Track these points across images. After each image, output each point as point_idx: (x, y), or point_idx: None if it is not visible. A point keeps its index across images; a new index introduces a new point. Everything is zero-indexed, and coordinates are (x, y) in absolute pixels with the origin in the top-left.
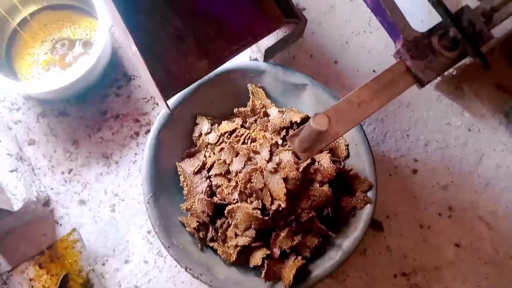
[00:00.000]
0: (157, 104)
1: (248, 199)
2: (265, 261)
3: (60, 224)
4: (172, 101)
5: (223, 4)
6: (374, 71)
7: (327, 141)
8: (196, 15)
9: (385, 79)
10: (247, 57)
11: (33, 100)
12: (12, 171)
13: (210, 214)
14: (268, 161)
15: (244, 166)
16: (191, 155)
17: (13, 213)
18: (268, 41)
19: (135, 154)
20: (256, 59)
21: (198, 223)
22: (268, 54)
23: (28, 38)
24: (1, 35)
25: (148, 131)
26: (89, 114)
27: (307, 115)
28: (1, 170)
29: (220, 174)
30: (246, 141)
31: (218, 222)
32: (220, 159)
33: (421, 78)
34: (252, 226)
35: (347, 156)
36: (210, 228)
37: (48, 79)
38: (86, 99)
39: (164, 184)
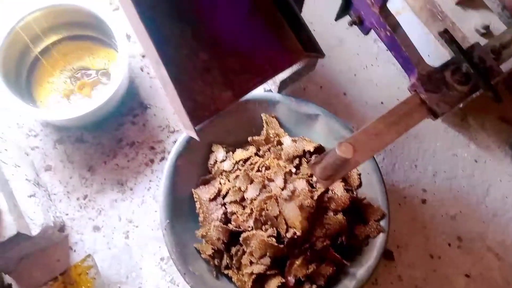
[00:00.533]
0: (172, 132)
1: (263, 226)
2: None
3: (74, 250)
4: None
5: (247, 39)
6: (382, 103)
7: (347, 169)
8: (222, 49)
9: (401, 111)
10: (262, 88)
11: (51, 127)
12: (30, 196)
13: (225, 241)
14: (282, 189)
15: (259, 193)
16: (206, 182)
17: (30, 238)
18: (283, 73)
19: (150, 181)
20: (270, 90)
21: (213, 250)
22: (282, 86)
23: (48, 66)
24: (23, 63)
25: (163, 158)
26: (105, 141)
27: (320, 145)
28: (20, 195)
29: (235, 201)
30: (260, 169)
31: (233, 250)
32: (235, 186)
33: (436, 111)
34: (267, 254)
35: (360, 185)
36: (225, 256)
37: (67, 107)
38: (102, 126)
39: (180, 211)
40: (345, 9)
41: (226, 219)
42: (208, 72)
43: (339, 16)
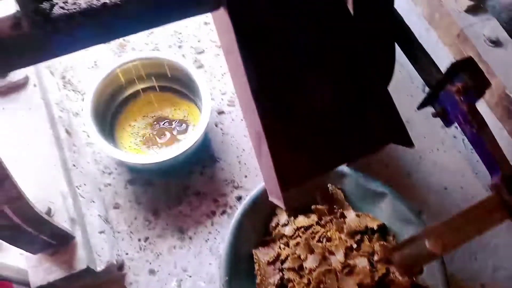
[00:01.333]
0: (236, 188)
1: None
2: None
3: None
4: (257, 189)
5: (337, 119)
6: (445, 188)
7: (429, 262)
8: (312, 125)
9: (481, 209)
10: None
11: (125, 167)
12: (100, 232)
13: None
14: (343, 264)
15: (319, 265)
16: (266, 244)
17: (95, 273)
18: None
19: (209, 233)
20: None
21: None
22: (352, 161)
23: (134, 110)
24: (111, 104)
25: (224, 212)
26: (172, 187)
27: (383, 223)
28: (92, 230)
29: (293, 269)
30: (321, 239)
31: None
32: (295, 254)
33: None
34: None
35: (421, 271)
36: None
37: (145, 153)
38: (172, 173)
39: (239, 269)
40: (429, 100)
41: (282, 285)
42: (298, 145)
43: (422, 105)
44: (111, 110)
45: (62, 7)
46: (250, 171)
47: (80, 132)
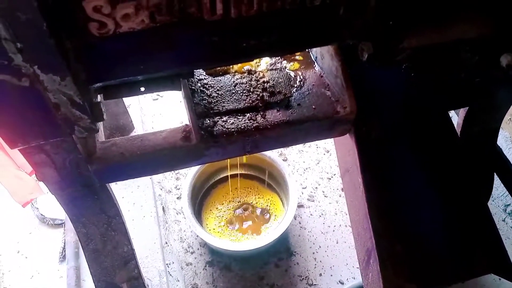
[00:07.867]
0: (310, 285)
1: None
2: None
3: None
4: None
5: (441, 241)
6: None
7: None
8: (415, 244)
9: None
10: None
11: (207, 248)
12: None
13: None
14: None
15: None
16: None
17: None
18: None
19: None
20: None
21: None
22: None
23: (222, 194)
24: (202, 188)
25: None
26: (248, 275)
27: None
28: None
29: None
30: None
31: None
32: None
33: None
34: None
35: None
36: None
37: (227, 236)
38: (249, 261)
39: None
40: None
41: None
42: (400, 264)
43: None
44: (202, 192)
45: (222, 126)
46: (325, 269)
47: (171, 210)
